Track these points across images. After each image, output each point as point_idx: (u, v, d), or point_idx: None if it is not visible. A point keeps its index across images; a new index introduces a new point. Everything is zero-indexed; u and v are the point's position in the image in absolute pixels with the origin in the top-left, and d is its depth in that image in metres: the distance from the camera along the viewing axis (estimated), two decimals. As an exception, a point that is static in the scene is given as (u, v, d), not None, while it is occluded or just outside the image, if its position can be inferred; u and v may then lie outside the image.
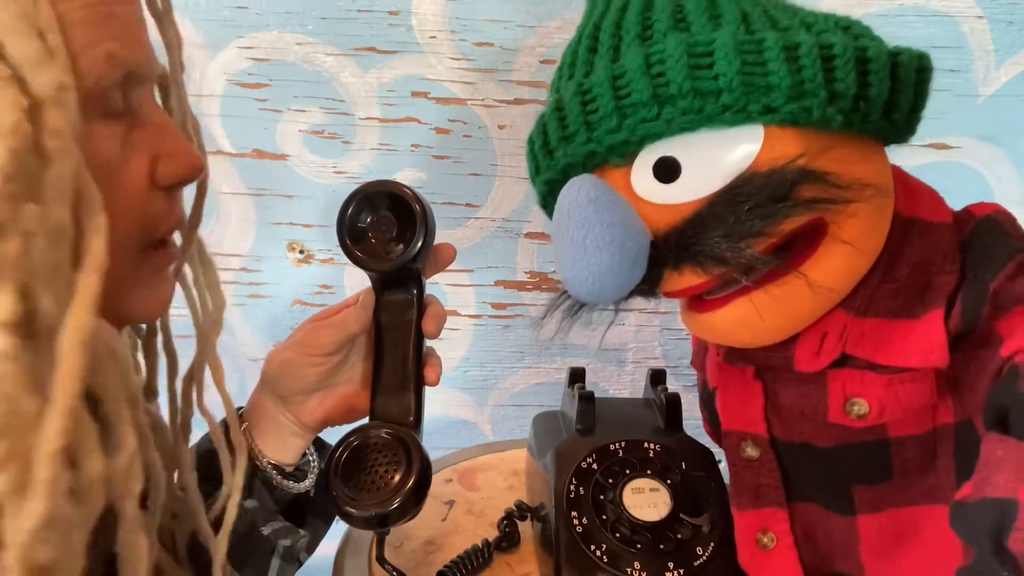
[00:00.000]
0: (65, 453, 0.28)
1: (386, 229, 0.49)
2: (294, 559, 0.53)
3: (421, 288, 0.52)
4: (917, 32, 0.73)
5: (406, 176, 0.78)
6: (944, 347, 0.37)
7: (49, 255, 0.28)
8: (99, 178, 0.31)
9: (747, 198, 0.36)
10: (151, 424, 0.44)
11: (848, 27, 0.39)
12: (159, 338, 0.48)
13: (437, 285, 0.82)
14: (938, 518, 0.40)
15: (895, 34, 0.73)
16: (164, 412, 0.48)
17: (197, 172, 0.39)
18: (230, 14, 0.71)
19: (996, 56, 0.74)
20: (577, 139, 0.40)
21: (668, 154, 0.38)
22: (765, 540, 0.44)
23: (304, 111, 0.75)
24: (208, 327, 0.46)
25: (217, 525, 0.45)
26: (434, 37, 0.73)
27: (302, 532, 0.53)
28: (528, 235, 0.81)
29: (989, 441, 0.33)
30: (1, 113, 0.27)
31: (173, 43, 0.43)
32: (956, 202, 0.43)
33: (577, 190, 0.39)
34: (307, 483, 0.53)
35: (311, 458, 0.55)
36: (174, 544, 0.47)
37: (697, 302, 0.42)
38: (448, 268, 0.55)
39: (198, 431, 0.50)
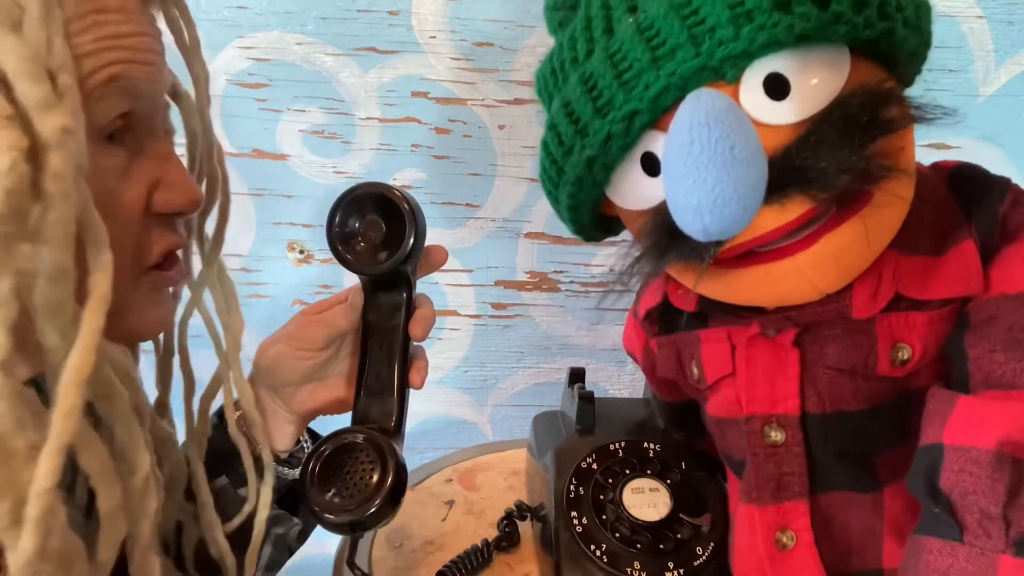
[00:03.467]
0: (56, 491, 0.28)
1: (375, 232, 0.49)
2: (285, 547, 0.53)
3: (411, 290, 0.52)
4: (917, 32, 0.73)
5: (406, 176, 0.78)
6: (981, 272, 0.39)
7: (51, 295, 0.28)
8: (96, 205, 0.31)
9: (862, 110, 0.35)
10: (163, 439, 0.45)
11: None
12: (176, 358, 0.48)
13: (436, 285, 0.82)
14: None
15: (895, 34, 0.73)
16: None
17: (195, 206, 0.40)
18: (230, 14, 0.71)
19: (996, 56, 0.74)
20: (678, 55, 0.35)
21: (777, 70, 0.35)
22: (784, 539, 0.43)
23: (304, 111, 0.75)
24: (230, 349, 0.47)
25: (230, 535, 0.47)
26: (434, 37, 0.73)
27: (295, 520, 0.53)
28: (528, 235, 0.81)
29: (929, 397, 0.38)
30: None
31: (200, 76, 0.44)
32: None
33: (709, 98, 0.34)
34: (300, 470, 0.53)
35: (305, 445, 0.55)
36: (179, 553, 0.48)
37: (753, 256, 0.39)
38: (448, 268, 0.55)
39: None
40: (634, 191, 0.41)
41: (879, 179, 0.36)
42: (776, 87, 0.36)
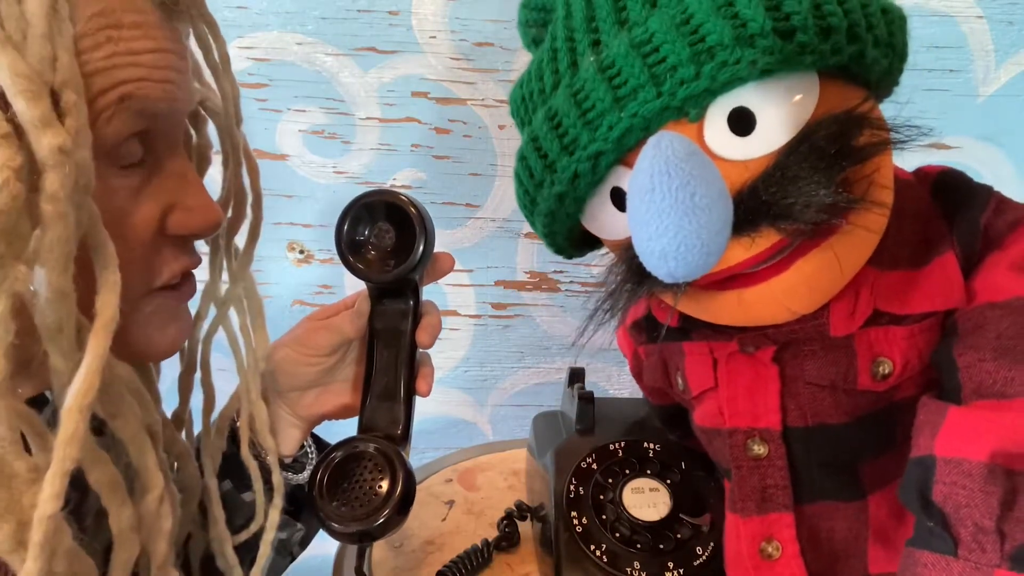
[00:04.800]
0: (60, 514, 0.28)
1: (385, 240, 0.48)
2: (287, 552, 0.53)
3: (418, 298, 0.52)
4: (917, 32, 0.72)
5: (406, 176, 0.78)
6: (962, 286, 0.38)
7: (50, 317, 0.28)
8: (106, 224, 0.31)
9: (830, 141, 0.34)
10: (179, 453, 0.45)
11: None
12: (197, 373, 0.48)
13: (437, 285, 0.82)
14: None
15: (895, 34, 0.73)
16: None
17: (211, 229, 0.38)
18: (230, 14, 0.71)
19: (996, 56, 0.74)
20: (640, 96, 0.35)
21: (741, 105, 0.35)
22: (770, 549, 0.43)
23: (304, 111, 0.75)
24: (251, 368, 0.47)
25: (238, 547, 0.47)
26: (434, 37, 0.73)
27: (298, 525, 0.53)
28: (528, 235, 0.81)
29: (919, 407, 0.37)
30: None
31: (228, 94, 0.43)
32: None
33: (669, 144, 0.33)
34: (304, 475, 0.53)
35: (309, 450, 0.55)
36: (186, 559, 0.48)
37: (728, 280, 0.39)
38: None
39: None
40: (605, 223, 0.41)
41: (847, 211, 0.36)
42: (741, 122, 0.35)
